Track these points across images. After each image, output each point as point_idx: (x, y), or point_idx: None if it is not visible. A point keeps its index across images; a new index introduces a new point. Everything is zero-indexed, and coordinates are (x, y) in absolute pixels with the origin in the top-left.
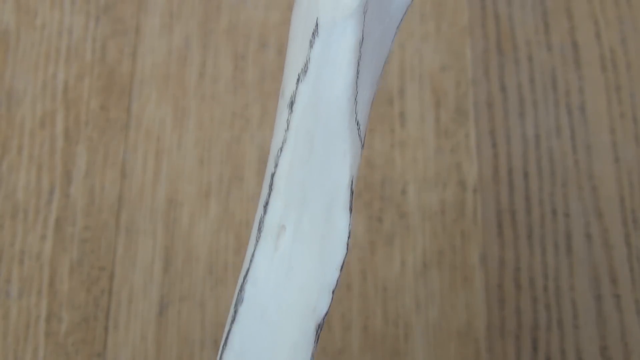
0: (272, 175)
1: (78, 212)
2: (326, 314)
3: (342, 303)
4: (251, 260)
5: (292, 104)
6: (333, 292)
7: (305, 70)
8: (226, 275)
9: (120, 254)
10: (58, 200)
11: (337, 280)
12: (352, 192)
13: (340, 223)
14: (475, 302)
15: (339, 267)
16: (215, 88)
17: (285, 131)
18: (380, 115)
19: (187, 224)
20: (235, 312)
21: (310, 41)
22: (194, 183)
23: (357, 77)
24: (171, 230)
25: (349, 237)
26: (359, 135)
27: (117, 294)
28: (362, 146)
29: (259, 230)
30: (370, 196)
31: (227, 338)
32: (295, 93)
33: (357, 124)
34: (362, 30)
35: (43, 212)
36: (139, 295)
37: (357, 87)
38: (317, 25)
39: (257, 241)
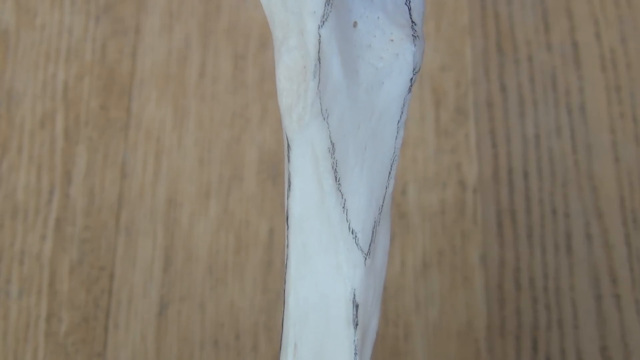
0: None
1: (78, 212)
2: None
3: None
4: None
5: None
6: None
7: (289, 187)
8: (226, 275)
9: (120, 254)
10: (58, 200)
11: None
12: (355, 307)
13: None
14: (475, 302)
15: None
16: (215, 88)
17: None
18: None
19: (187, 224)
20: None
21: (288, 156)
22: (194, 183)
23: (338, 184)
24: (171, 230)
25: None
26: (356, 243)
27: (117, 294)
28: (368, 254)
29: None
30: None
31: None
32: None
33: (352, 232)
34: (329, 138)
35: (43, 212)
36: (139, 295)
37: (340, 195)
38: (287, 139)
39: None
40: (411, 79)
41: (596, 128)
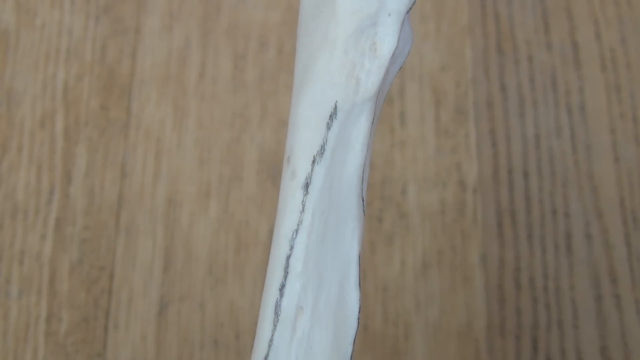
0: (288, 257)
1: (78, 212)
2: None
3: None
4: (270, 345)
5: (307, 185)
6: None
7: (321, 152)
8: (226, 275)
9: (120, 254)
10: (58, 200)
11: (351, 354)
12: (359, 268)
13: (352, 299)
14: (475, 302)
15: (353, 341)
16: (215, 88)
17: (301, 213)
18: (380, 115)
19: (187, 224)
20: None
21: (328, 123)
22: (194, 183)
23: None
24: (171, 230)
25: (359, 312)
26: (364, 212)
27: (117, 294)
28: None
29: (276, 314)
30: (370, 196)
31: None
32: (311, 174)
33: (363, 201)
34: (375, 113)
35: (43, 212)
36: (139, 295)
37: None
38: (335, 108)
39: (274, 325)
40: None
41: (596, 128)
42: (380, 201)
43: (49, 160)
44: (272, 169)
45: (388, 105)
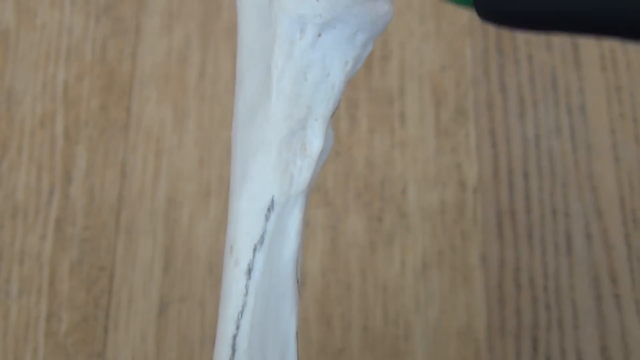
0: (234, 337)
1: (78, 212)
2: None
3: (342, 303)
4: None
5: (249, 271)
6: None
7: (261, 240)
8: None
9: (120, 254)
10: (58, 200)
11: None
12: (297, 343)
13: None
14: (475, 302)
15: None
16: (215, 88)
17: (245, 296)
18: (380, 115)
19: (187, 224)
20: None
21: (266, 215)
22: (194, 183)
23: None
24: (171, 230)
25: None
26: (299, 292)
27: (117, 294)
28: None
29: None
30: (370, 196)
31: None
32: (253, 261)
33: (298, 282)
34: (306, 203)
35: (43, 212)
36: (139, 295)
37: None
38: (272, 201)
39: None
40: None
41: (596, 128)
42: (380, 201)
43: (49, 160)
44: None
45: (388, 105)
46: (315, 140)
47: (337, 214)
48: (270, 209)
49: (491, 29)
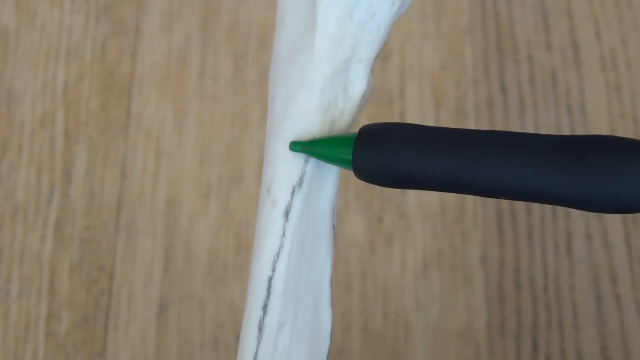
0: (270, 279)
1: (78, 212)
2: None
3: (342, 303)
4: None
5: (287, 213)
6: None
7: (300, 183)
8: (226, 275)
9: (120, 254)
10: (58, 200)
11: None
12: (331, 289)
13: (325, 317)
14: (475, 302)
15: (326, 356)
16: (215, 88)
17: (282, 237)
18: (380, 115)
19: (187, 224)
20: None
21: (305, 157)
22: (194, 183)
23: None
24: (171, 230)
25: (331, 329)
26: (334, 238)
27: (117, 294)
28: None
29: (260, 330)
30: (370, 196)
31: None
32: (291, 203)
33: (334, 229)
34: None
35: (43, 212)
36: (139, 295)
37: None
38: None
39: (258, 341)
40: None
41: (596, 128)
42: (380, 201)
43: (49, 160)
44: None
45: (388, 105)
46: (358, 83)
47: (337, 214)
48: None
49: (491, 29)
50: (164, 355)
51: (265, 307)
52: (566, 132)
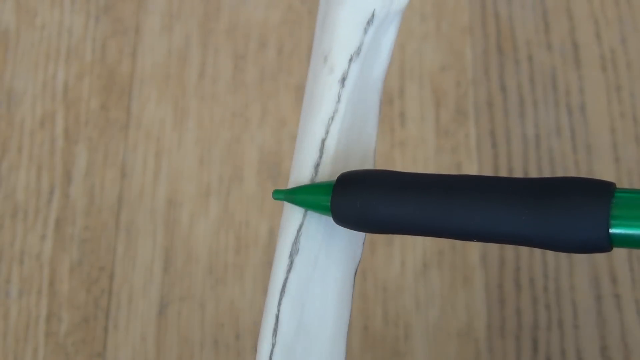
0: (323, 140)
1: (78, 212)
2: (360, 261)
3: None
4: (299, 231)
5: (343, 79)
6: (363, 243)
7: (358, 52)
8: (226, 275)
9: (120, 254)
10: (58, 200)
11: (364, 235)
12: (375, 160)
13: None
14: (475, 302)
15: (362, 243)
16: (215, 88)
17: (337, 103)
18: (380, 116)
19: (187, 224)
20: (291, 262)
21: (365, 28)
22: (194, 183)
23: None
24: (171, 230)
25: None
26: (381, 113)
27: (117, 294)
28: None
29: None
30: None
31: (284, 286)
32: (348, 71)
33: (381, 102)
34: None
35: (43, 212)
36: (139, 295)
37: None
38: (373, 15)
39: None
40: None
41: (596, 128)
42: None
43: (49, 160)
44: (272, 169)
45: (388, 105)
46: None
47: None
48: (370, 22)
49: (491, 29)
50: (164, 356)
51: (317, 166)
52: (566, 132)
